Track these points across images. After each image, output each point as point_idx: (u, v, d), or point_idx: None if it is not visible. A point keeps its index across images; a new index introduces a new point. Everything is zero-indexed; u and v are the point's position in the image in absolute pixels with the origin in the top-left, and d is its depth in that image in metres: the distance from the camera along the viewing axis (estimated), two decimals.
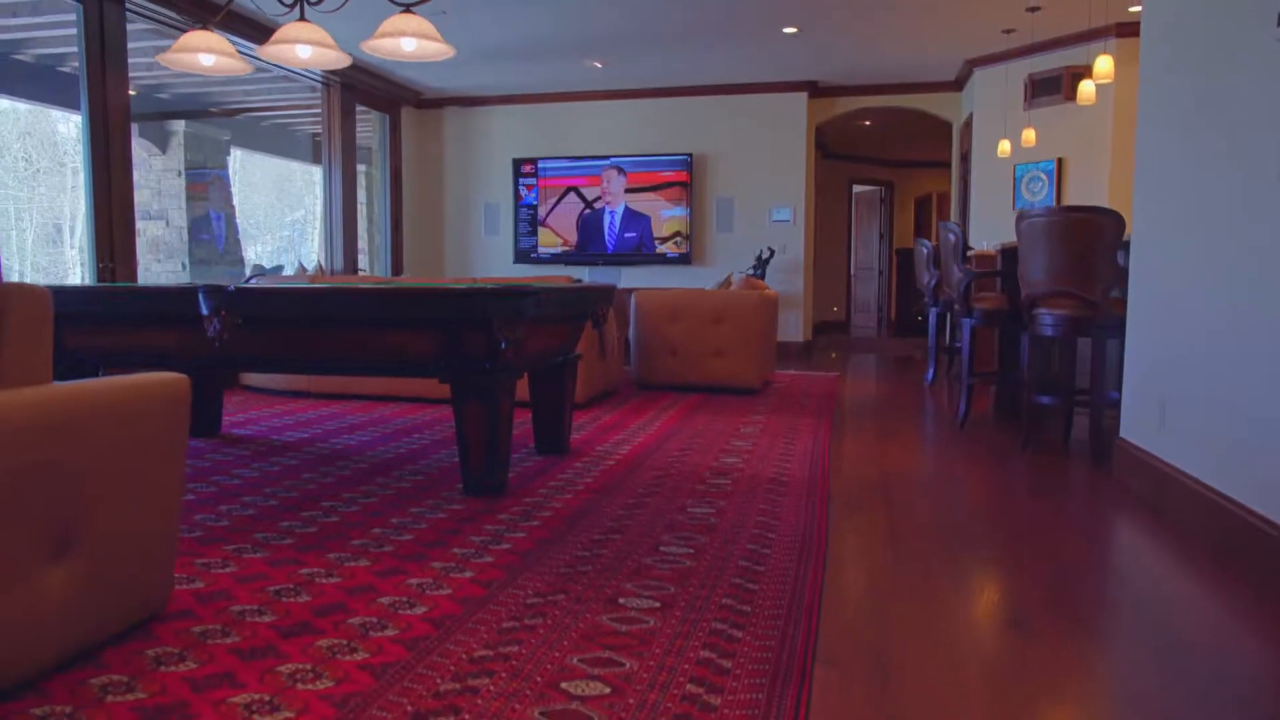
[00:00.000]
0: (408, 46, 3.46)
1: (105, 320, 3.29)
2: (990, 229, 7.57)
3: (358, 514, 2.85)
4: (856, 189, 13.53)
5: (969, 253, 6.59)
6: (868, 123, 10.09)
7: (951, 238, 4.61)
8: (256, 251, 12.08)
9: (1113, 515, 3.03)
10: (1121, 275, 3.63)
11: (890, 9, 6.11)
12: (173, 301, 3.08)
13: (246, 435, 4.28)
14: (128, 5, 5.64)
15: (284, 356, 3.21)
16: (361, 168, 8.80)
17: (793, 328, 8.55)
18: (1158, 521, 2.90)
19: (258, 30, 6.56)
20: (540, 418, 3.81)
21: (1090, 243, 3.65)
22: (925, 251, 6.46)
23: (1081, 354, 4.30)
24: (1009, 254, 4.75)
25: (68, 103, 8.82)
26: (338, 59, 3.58)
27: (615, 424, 4.65)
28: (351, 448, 3.98)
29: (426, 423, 4.66)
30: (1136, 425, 3.34)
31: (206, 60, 3.66)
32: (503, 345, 2.95)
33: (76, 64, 5.58)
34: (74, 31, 5.45)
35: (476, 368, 2.98)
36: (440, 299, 2.85)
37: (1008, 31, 6.68)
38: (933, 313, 6.53)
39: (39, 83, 8.25)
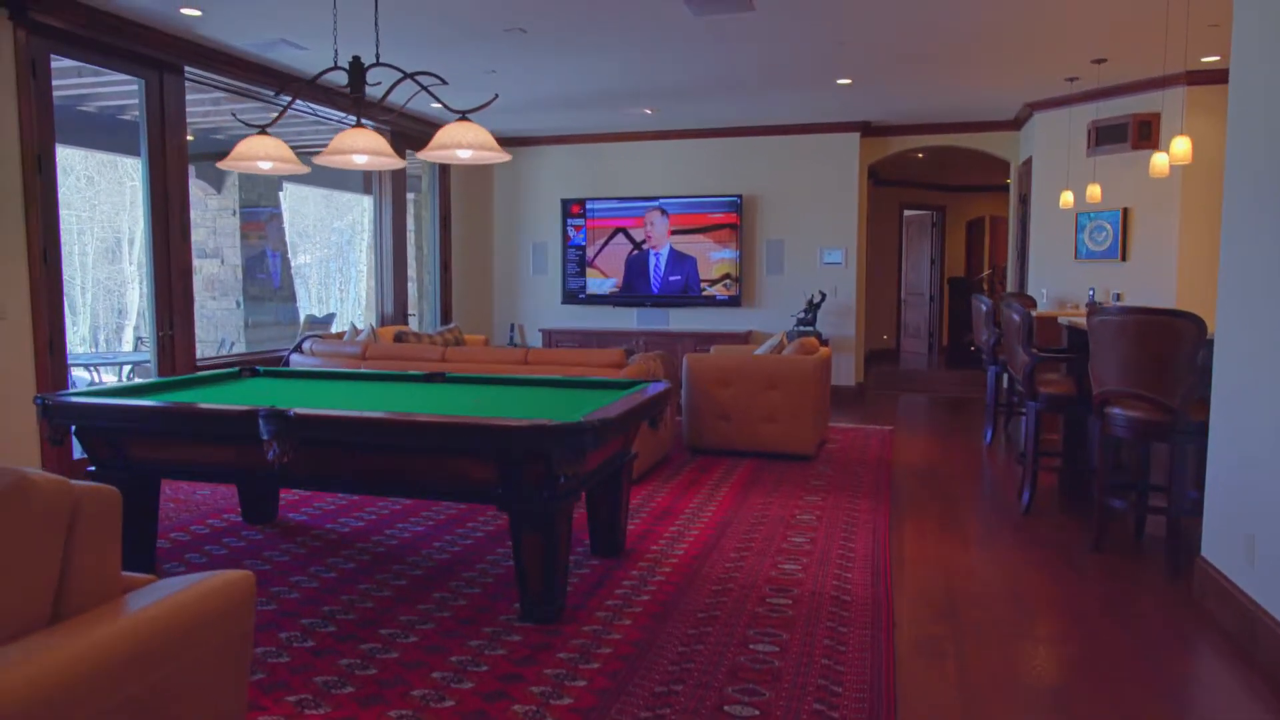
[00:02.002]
0: (464, 155, 3.44)
1: (168, 435, 3.31)
2: (1050, 276, 7.35)
3: (417, 648, 2.82)
4: (907, 213, 13.30)
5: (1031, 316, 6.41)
6: (920, 155, 9.89)
7: (1016, 318, 4.47)
8: (308, 288, 12.25)
9: (1198, 651, 2.90)
10: (1203, 378, 3.47)
11: (947, 62, 5.95)
12: (232, 424, 3.09)
13: (302, 522, 4.29)
14: (186, 76, 5.71)
15: (342, 478, 3.20)
16: (410, 195, 8.84)
17: (845, 372, 8.40)
18: (1249, 666, 2.76)
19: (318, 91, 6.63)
20: (595, 519, 3.76)
21: (1168, 347, 3.50)
22: (984, 309, 6.29)
23: (1156, 450, 4.13)
24: (1076, 336, 4.59)
25: (129, 149, 9.01)
26: (392, 162, 3.57)
27: (668, 508, 4.59)
28: (405, 543, 3.96)
29: (476, 507, 4.63)
30: (1220, 549, 3.19)
31: (265, 165, 3.67)
32: (562, 480, 2.90)
33: (137, 113, 5.66)
34: (134, 86, 5.54)
35: (534, 497, 2.94)
36: (500, 434, 2.81)
37: (1071, 79, 6.48)
38: (991, 371, 6.36)
39: (101, 132, 8.43)
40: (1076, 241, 7.09)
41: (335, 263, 14.53)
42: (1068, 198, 6.57)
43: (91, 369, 6.60)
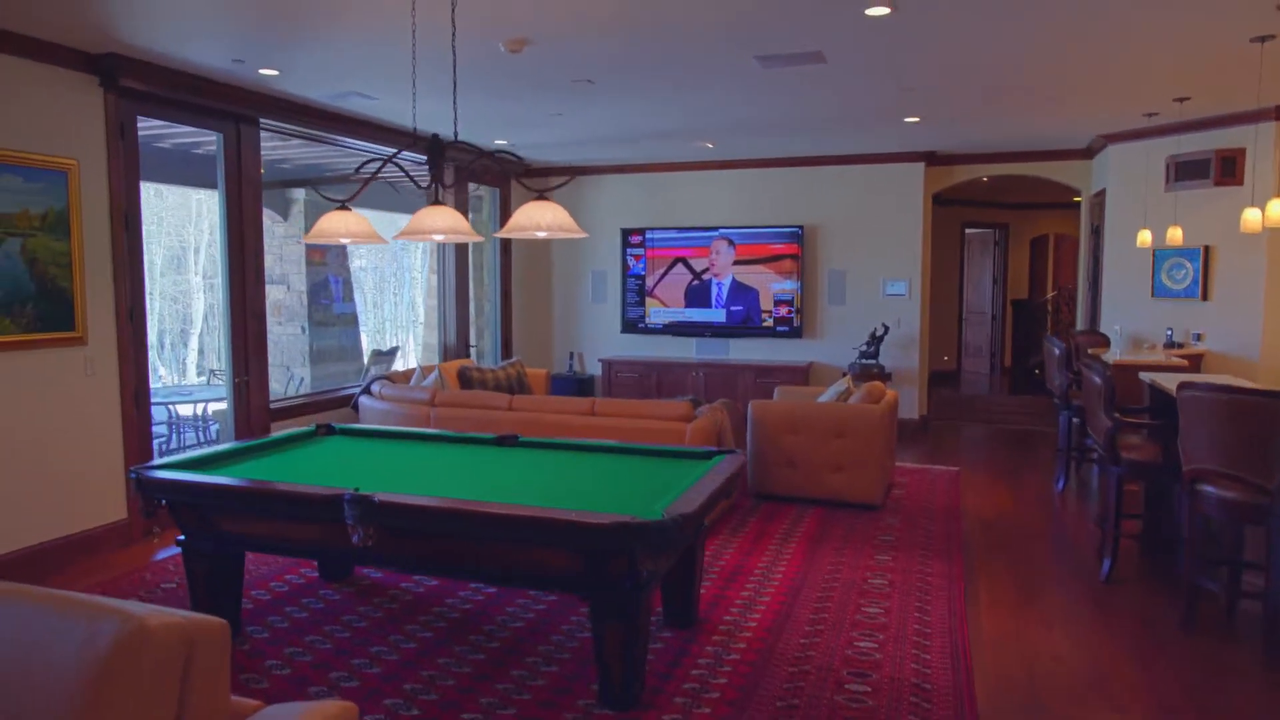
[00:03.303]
0: (541, 234, 3.45)
1: (256, 510, 3.39)
2: (1125, 313, 7.14)
3: None
4: (968, 231, 13.05)
5: (1094, 352, 6.24)
6: (985, 179, 9.68)
7: (1098, 380, 4.34)
8: (367, 310, 12.45)
9: None
10: None
11: (1019, 101, 5.81)
12: (319, 508, 3.15)
13: (376, 580, 4.35)
14: (261, 125, 5.85)
15: (425, 561, 3.24)
16: (470, 216, 8.93)
17: (907, 404, 8.27)
18: None
19: (379, 131, 6.74)
20: (670, 590, 3.75)
21: (1266, 428, 3.37)
22: (1058, 352, 6.14)
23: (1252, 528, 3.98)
24: (1160, 397, 4.45)
25: (203, 183, 9.26)
26: (470, 237, 3.60)
27: (738, 566, 4.56)
28: (478, 606, 3.99)
29: None
30: None
31: (345, 240, 3.74)
32: (645, 574, 2.90)
33: (208, 147, 5.79)
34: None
35: (616, 588, 2.94)
36: (585, 531, 2.82)
37: (1150, 115, 6.28)
38: (1063, 416, 6.20)
39: (177, 167, 8.67)
40: (1154, 279, 6.88)
41: (392, 283, 14.78)
42: (1145, 237, 6.38)
43: (169, 407, 6.80)
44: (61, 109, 4.55)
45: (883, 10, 3.88)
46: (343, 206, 3.72)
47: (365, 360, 9.58)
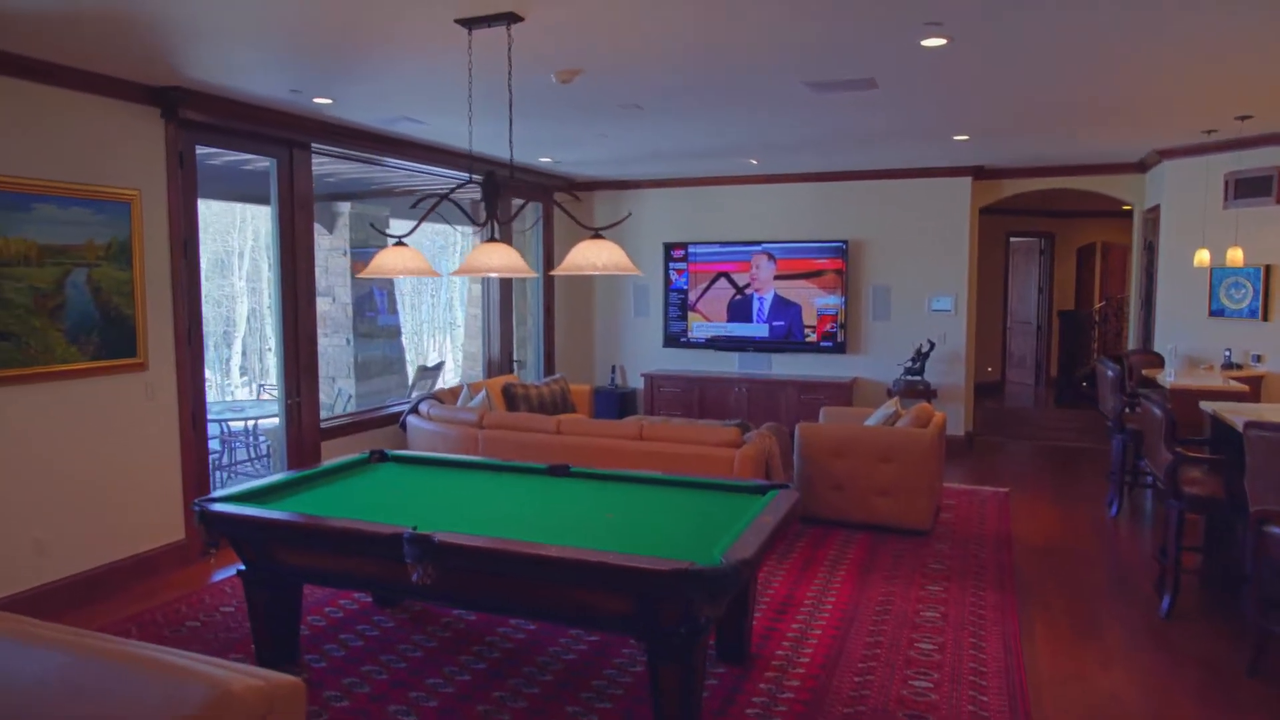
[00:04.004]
0: (594, 272, 3.47)
1: (316, 545, 3.44)
2: (1180, 333, 6.99)
3: None
4: (1013, 240, 12.86)
5: (1147, 374, 6.12)
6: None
7: (1158, 413, 4.26)
8: (407, 314, 12.57)
9: None
10: None
11: (1072, 120, 5.71)
12: (377, 545, 3.19)
13: (428, 608, 4.39)
14: (313, 150, 5.94)
15: (482, 599, 3.28)
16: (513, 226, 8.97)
17: (953, 420, 8.16)
18: None
19: (436, 152, 6.81)
20: (722, 623, 3.74)
21: None
22: (1111, 375, 6.03)
23: None
24: (1223, 430, 4.35)
25: (250, 198, 9.43)
26: (525, 272, 3.62)
27: (788, 596, 4.54)
28: (531, 636, 4.02)
29: None
30: None
31: (400, 275, 3.78)
32: (702, 621, 2.90)
33: (256, 164, 5.88)
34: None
35: (673, 632, 2.95)
36: (643, 577, 2.82)
37: (1209, 132, 6.15)
38: (1116, 440, 6.08)
39: (226, 183, 8.84)
40: (1211, 297, 6.73)
41: (429, 285, 14.91)
42: (1203, 256, 6.24)
43: (221, 424, 6.93)
44: (125, 141, 4.66)
45: (939, 41, 3.84)
46: (399, 243, 3.77)
47: (410, 374, 9.68)
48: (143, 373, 4.81)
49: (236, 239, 17.61)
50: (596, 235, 3.46)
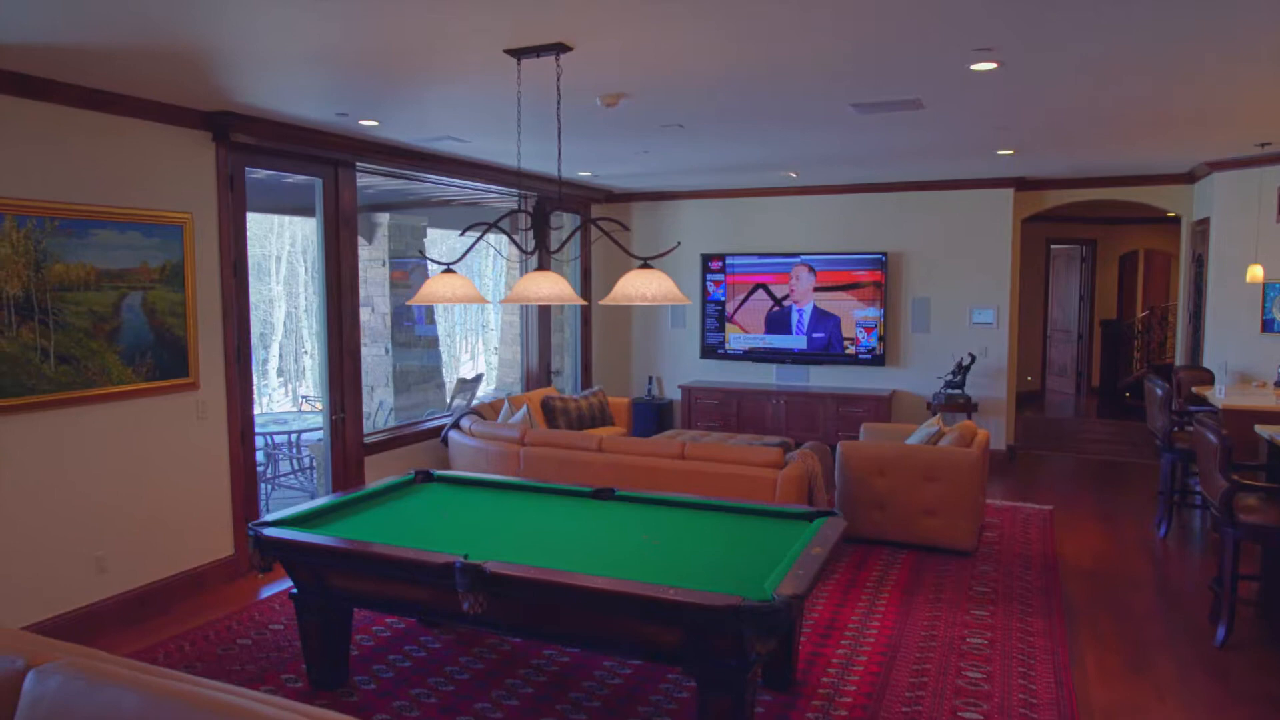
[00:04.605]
0: (643, 303, 3.47)
1: (368, 571, 3.49)
2: (1231, 349, 6.85)
3: None
4: (1053, 247, 12.68)
5: (1193, 391, 6.00)
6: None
7: (1213, 439, 4.17)
8: (441, 316, 12.64)
9: None
10: None
11: (1122, 134, 5.61)
12: (429, 573, 3.23)
13: (473, 628, 4.43)
14: (357, 168, 6.01)
15: (533, 628, 3.30)
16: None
17: (994, 435, 8.07)
18: None
19: (475, 169, 6.86)
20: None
21: None
22: (1160, 393, 5.92)
23: None
24: (1278, 456, 4.26)
25: (290, 210, 9.57)
26: (574, 300, 3.64)
27: (832, 620, 4.52)
28: (577, 660, 4.03)
29: None
30: None
31: (450, 302, 3.82)
32: (754, 658, 2.90)
33: (298, 176, 5.93)
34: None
35: (722, 665, 2.95)
36: (694, 611, 2.83)
37: (1262, 145, 6.02)
38: (1165, 459, 5.97)
39: (267, 195, 8.98)
40: (1264, 313, 6.58)
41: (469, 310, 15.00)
42: (1256, 272, 6.11)
43: (266, 436, 7.03)
44: (178, 165, 4.75)
45: (989, 65, 3.81)
46: (448, 270, 3.81)
47: (449, 387, 9.75)
48: (194, 392, 4.90)
49: (274, 244, 17.86)
50: (645, 265, 3.47)
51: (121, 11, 3.05)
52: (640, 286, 3.36)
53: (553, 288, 3.52)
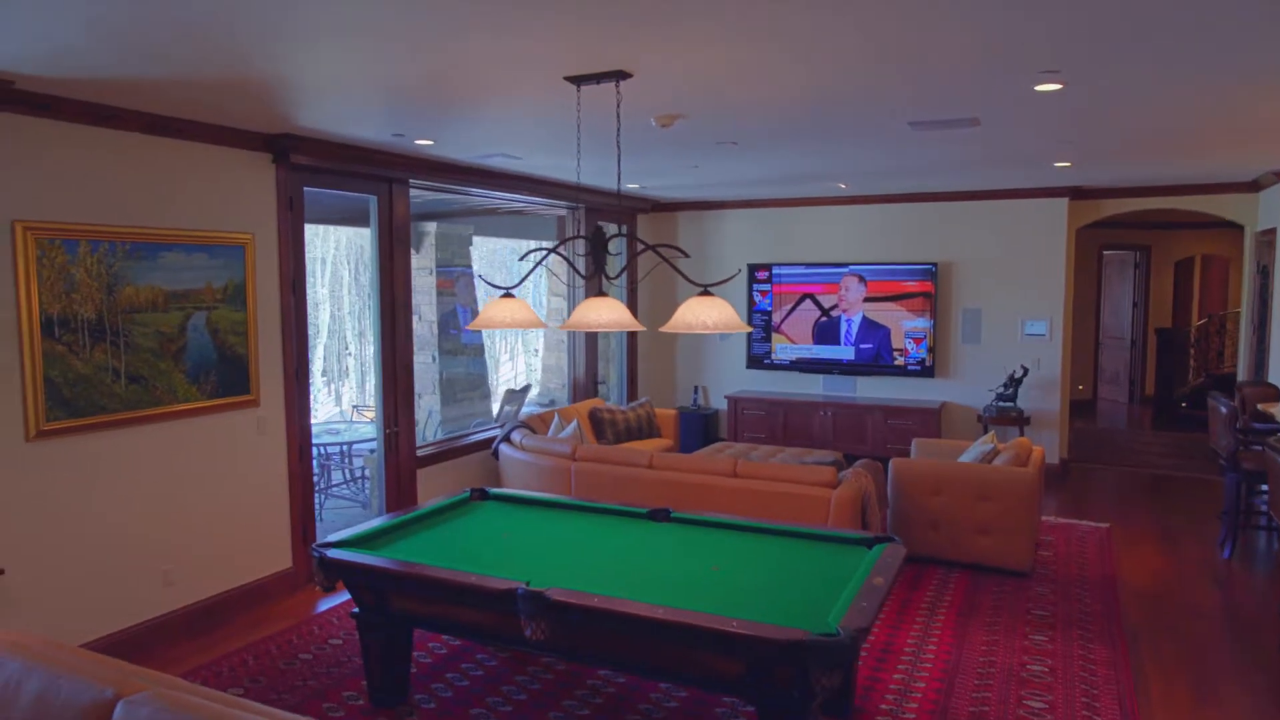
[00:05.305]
0: (703, 331, 3.47)
1: (429, 594, 3.53)
2: None
3: None
4: (1106, 252, 12.43)
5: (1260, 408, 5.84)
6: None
7: None
8: (488, 332, 12.71)
9: None
10: None
11: (1184, 145, 5.48)
12: (491, 599, 3.26)
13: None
14: (411, 185, 6.09)
15: (592, 654, 3.32)
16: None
17: (1047, 449, 7.93)
18: None
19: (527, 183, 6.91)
20: None
21: None
22: (1224, 411, 5.78)
23: None
24: None
25: (335, 220, 9.70)
26: (634, 326, 3.65)
27: (887, 644, 4.48)
28: (631, 681, 4.04)
29: None
30: None
31: (508, 327, 3.85)
32: (817, 690, 2.89)
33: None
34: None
35: (785, 697, 2.94)
36: (759, 644, 2.82)
37: None
38: (1230, 478, 5.82)
39: (313, 206, 9.13)
40: None
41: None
42: None
43: (320, 448, 7.15)
44: (240, 187, 4.85)
45: (1054, 87, 3.74)
46: (507, 294, 3.84)
47: (498, 397, 9.84)
48: (255, 409, 5.00)
49: (320, 247, 18.14)
50: (705, 292, 3.47)
51: (194, 49, 3.12)
52: (701, 314, 3.36)
53: (612, 314, 3.53)
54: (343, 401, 15.12)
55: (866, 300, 8.44)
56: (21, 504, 3.93)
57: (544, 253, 3.76)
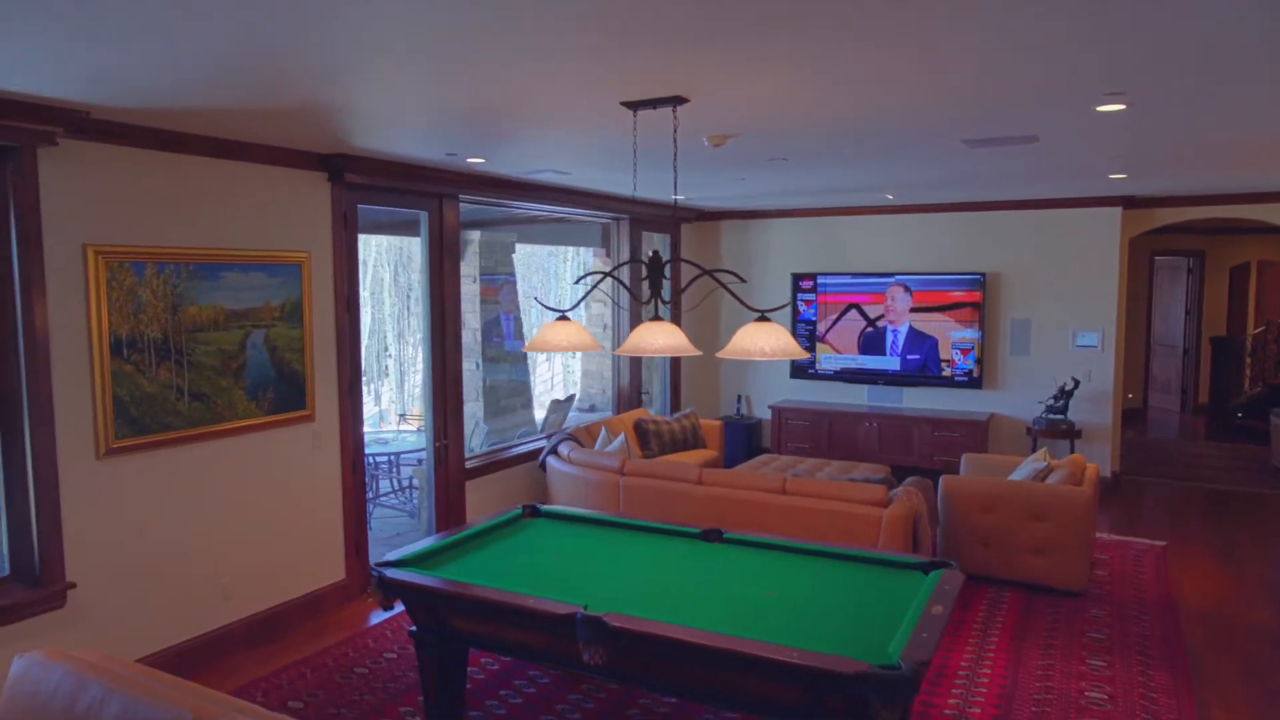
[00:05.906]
0: (761, 358, 3.47)
1: (486, 615, 3.57)
2: None
3: None
4: (1157, 259, 12.17)
5: None
6: None
7: None
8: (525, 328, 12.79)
9: None
10: None
11: (1248, 156, 5.35)
12: (549, 623, 3.29)
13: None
14: (461, 200, 6.16)
15: (650, 680, 3.33)
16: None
17: (1099, 462, 7.78)
18: None
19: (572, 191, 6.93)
20: None
21: None
22: None
23: None
24: None
25: (376, 229, 9.82)
26: (689, 351, 3.65)
27: (941, 664, 4.43)
28: (680, 701, 4.06)
29: None
30: None
31: (564, 350, 3.88)
32: None
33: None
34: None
35: None
36: (821, 677, 2.81)
37: None
38: None
39: (366, 218, 9.28)
40: None
41: (545, 316, 15.10)
42: None
43: (369, 459, 7.26)
44: (296, 206, 4.94)
45: (1117, 107, 3.68)
46: (562, 317, 3.87)
47: (540, 404, 9.90)
48: (310, 424, 5.09)
49: (361, 250, 18.41)
50: (763, 318, 3.47)
51: (263, 80, 3.19)
52: (759, 341, 3.36)
53: (669, 339, 3.54)
54: (381, 401, 15.29)
55: (913, 310, 8.36)
56: (92, 520, 4.04)
57: (600, 276, 3.78)
